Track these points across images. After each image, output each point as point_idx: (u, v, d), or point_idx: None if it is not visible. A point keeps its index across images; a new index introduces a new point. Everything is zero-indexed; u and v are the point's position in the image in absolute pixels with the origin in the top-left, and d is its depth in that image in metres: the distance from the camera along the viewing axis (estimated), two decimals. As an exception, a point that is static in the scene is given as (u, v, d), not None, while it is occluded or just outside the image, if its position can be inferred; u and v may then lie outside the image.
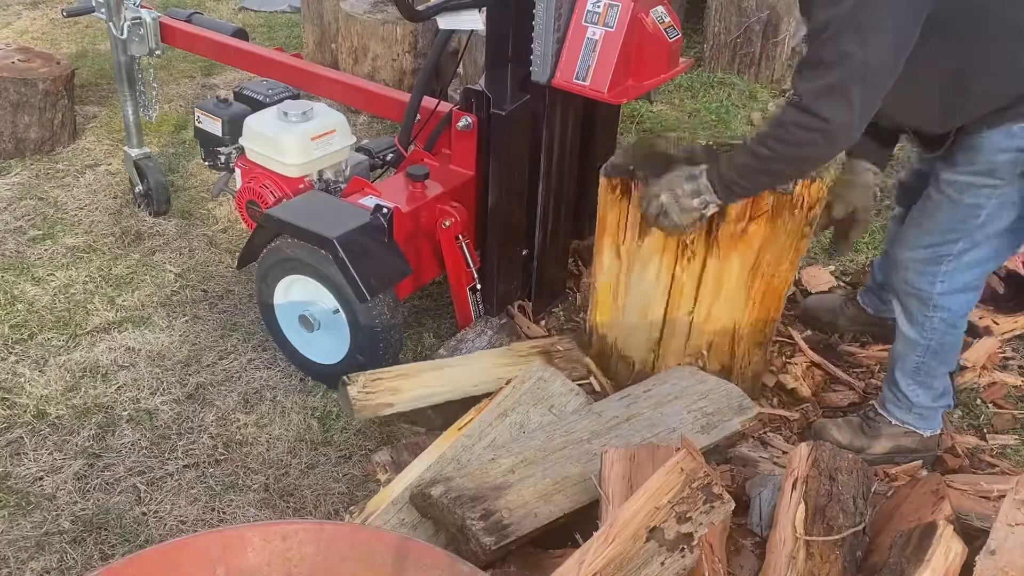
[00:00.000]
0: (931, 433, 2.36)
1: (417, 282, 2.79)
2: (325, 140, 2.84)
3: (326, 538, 1.46)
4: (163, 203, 3.53)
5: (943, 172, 2.07)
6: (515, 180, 2.60)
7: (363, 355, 2.55)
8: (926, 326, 2.19)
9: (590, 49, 2.26)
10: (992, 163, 1.97)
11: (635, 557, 1.55)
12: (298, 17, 5.51)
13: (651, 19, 2.29)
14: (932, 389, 2.30)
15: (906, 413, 2.34)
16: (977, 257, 2.09)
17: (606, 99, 2.29)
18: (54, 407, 2.59)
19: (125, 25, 3.22)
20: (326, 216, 2.51)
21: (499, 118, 2.50)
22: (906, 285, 2.19)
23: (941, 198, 2.08)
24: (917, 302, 2.18)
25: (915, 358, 2.25)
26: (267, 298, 2.69)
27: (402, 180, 2.71)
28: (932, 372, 2.26)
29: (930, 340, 2.20)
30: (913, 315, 2.21)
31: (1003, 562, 1.52)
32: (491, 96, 2.50)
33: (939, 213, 2.09)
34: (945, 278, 2.12)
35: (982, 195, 2.01)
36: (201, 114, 3.12)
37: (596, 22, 2.26)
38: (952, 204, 2.06)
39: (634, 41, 2.27)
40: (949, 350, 2.25)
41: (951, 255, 2.09)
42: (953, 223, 2.07)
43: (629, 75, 2.32)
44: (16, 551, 2.15)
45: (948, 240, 2.08)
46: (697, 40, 5.21)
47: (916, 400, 2.30)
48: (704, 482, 1.65)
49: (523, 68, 2.40)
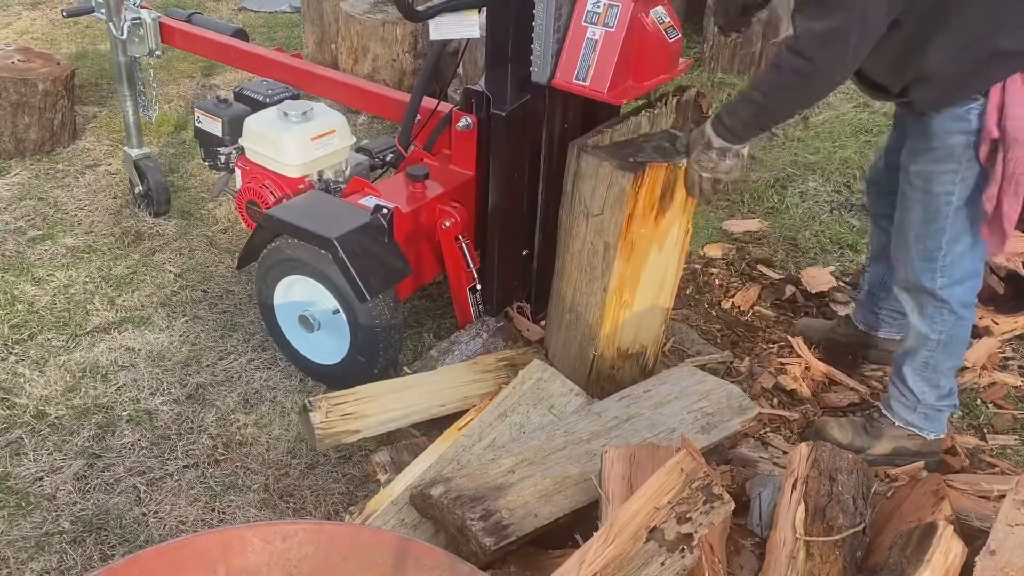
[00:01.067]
0: (935, 436, 2.36)
1: (417, 282, 2.79)
2: (325, 140, 2.84)
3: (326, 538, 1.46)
4: (163, 203, 3.53)
5: (910, 165, 2.12)
6: (515, 180, 2.60)
7: (363, 355, 2.55)
8: (936, 319, 2.21)
9: (590, 49, 2.26)
10: (947, 147, 2.02)
11: (635, 557, 1.55)
12: (298, 17, 5.51)
13: (651, 19, 2.29)
14: (938, 387, 2.30)
15: (911, 413, 2.34)
16: (966, 245, 2.12)
17: (606, 99, 2.29)
18: (54, 407, 2.59)
19: (125, 25, 3.22)
20: (326, 216, 2.51)
21: (499, 118, 2.50)
22: (912, 283, 2.21)
23: (914, 193, 2.13)
24: (927, 297, 2.20)
25: (925, 352, 2.26)
26: (267, 298, 2.69)
27: (402, 180, 2.71)
28: (939, 368, 2.27)
29: (940, 334, 2.22)
30: (924, 310, 2.22)
31: (1003, 562, 1.52)
32: (491, 96, 2.50)
33: (916, 207, 2.13)
34: (942, 272, 2.15)
35: (947, 181, 2.05)
36: (201, 114, 3.12)
37: (596, 22, 2.26)
38: (924, 195, 2.10)
39: (634, 41, 2.27)
40: (958, 344, 2.27)
41: (941, 248, 2.12)
42: (931, 214, 2.11)
43: (629, 75, 2.32)
44: (16, 551, 2.15)
45: (932, 233, 2.12)
46: (697, 40, 5.22)
47: (922, 398, 2.31)
48: (704, 482, 1.65)
49: (523, 68, 2.40)
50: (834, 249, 3.44)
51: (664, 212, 2.28)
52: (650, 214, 2.26)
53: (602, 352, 2.46)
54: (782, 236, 3.50)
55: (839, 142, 4.21)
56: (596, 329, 2.42)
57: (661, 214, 2.28)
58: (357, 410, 2.32)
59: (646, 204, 2.24)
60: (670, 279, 2.47)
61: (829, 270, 3.25)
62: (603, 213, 2.26)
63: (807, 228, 3.55)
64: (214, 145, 3.11)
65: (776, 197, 3.76)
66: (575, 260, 2.39)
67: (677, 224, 2.34)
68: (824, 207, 3.69)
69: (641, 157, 2.27)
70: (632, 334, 2.49)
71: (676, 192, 2.26)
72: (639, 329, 2.49)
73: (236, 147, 3.04)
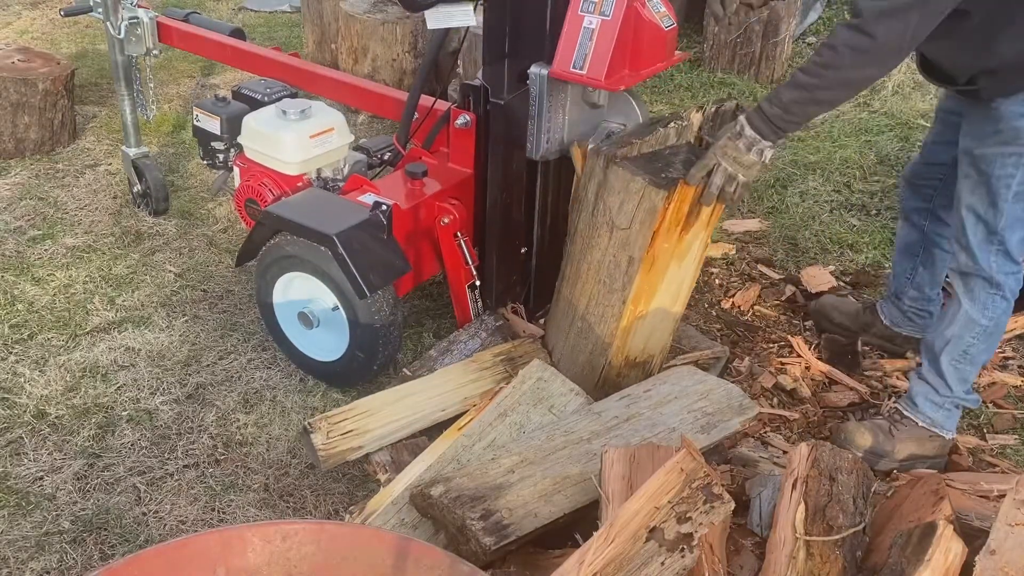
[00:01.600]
0: (950, 436, 2.39)
1: (416, 279, 2.79)
2: (323, 138, 2.84)
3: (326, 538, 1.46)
4: (161, 202, 3.53)
5: (974, 149, 2.14)
6: (514, 172, 2.60)
7: (362, 352, 2.55)
8: (989, 305, 2.23)
9: (587, 38, 2.27)
10: (1013, 128, 2.04)
11: (635, 557, 1.55)
12: (298, 17, 5.52)
13: (647, 8, 2.31)
14: (966, 382, 2.33)
15: (937, 410, 2.36)
16: (1021, 235, 2.15)
17: (603, 87, 2.30)
18: (54, 407, 2.59)
19: (122, 25, 3.22)
20: (325, 213, 2.51)
21: (497, 107, 2.50)
22: (968, 267, 2.23)
23: (978, 176, 2.14)
24: (982, 282, 2.21)
25: (969, 339, 2.27)
26: (266, 296, 2.69)
27: (401, 178, 2.72)
28: (976, 359, 2.30)
29: (990, 321, 2.24)
30: (976, 295, 2.23)
31: (1003, 562, 1.52)
32: (489, 87, 2.51)
33: (979, 190, 2.15)
34: (998, 257, 2.17)
35: (1010, 164, 2.07)
36: (199, 113, 3.12)
37: (592, 11, 2.27)
38: (986, 178, 2.12)
39: (630, 30, 2.28)
40: (998, 335, 2.30)
41: (997, 232, 2.15)
42: (992, 197, 2.12)
43: (626, 64, 2.33)
44: (16, 551, 2.15)
45: (990, 217, 2.14)
46: (697, 40, 5.22)
47: (954, 389, 2.32)
48: (704, 482, 1.65)
49: (520, 60, 2.41)
50: (834, 249, 3.43)
51: (689, 228, 2.26)
52: (675, 230, 2.23)
53: (611, 360, 2.45)
54: (782, 236, 3.50)
55: (839, 142, 4.22)
56: (610, 340, 2.41)
57: (686, 230, 2.25)
58: (358, 426, 2.31)
59: (672, 220, 2.20)
60: (685, 291, 2.46)
61: (829, 270, 3.25)
62: (630, 227, 2.23)
63: (807, 228, 3.55)
64: (213, 143, 3.12)
65: (776, 197, 3.76)
66: (593, 271, 2.36)
67: (699, 239, 2.33)
68: (824, 207, 3.69)
69: (672, 172, 2.20)
70: (642, 343, 2.48)
71: (702, 209, 2.23)
72: (649, 339, 2.49)
73: (235, 145, 3.04)
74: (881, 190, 3.80)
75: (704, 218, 2.27)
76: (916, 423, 2.37)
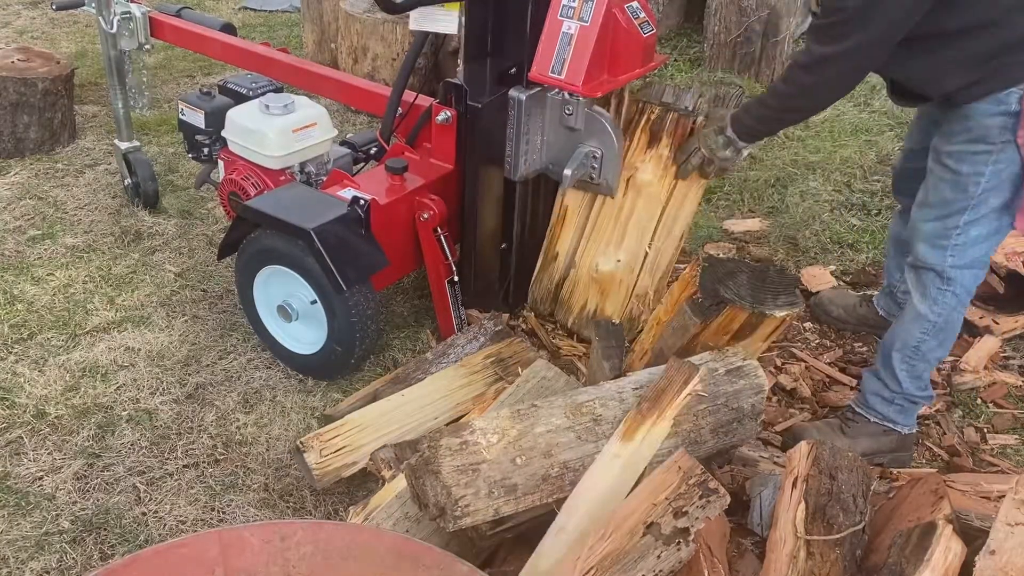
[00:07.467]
0: (908, 431, 2.38)
1: (395, 274, 2.80)
2: (306, 132, 2.85)
3: (325, 538, 1.46)
4: (151, 195, 3.55)
5: (943, 146, 2.15)
6: (493, 172, 2.61)
7: (340, 345, 2.56)
8: (938, 300, 2.23)
9: (565, 43, 2.29)
10: (983, 127, 2.05)
11: (632, 551, 1.55)
12: (298, 16, 5.51)
13: (626, 14, 2.32)
14: (919, 379, 2.33)
15: (887, 405, 2.36)
16: (983, 232, 2.15)
17: (580, 92, 2.31)
18: (54, 407, 2.58)
19: (114, 19, 3.23)
20: (304, 207, 2.52)
21: (475, 110, 2.52)
22: (921, 261, 2.23)
23: (942, 171, 2.15)
24: (933, 276, 2.22)
25: (919, 335, 2.27)
26: (246, 289, 2.71)
27: (381, 173, 2.73)
28: (928, 356, 2.29)
29: (939, 316, 2.24)
30: (927, 290, 2.24)
31: (1003, 562, 1.52)
32: (468, 89, 2.51)
33: (942, 185, 2.16)
34: (955, 252, 2.18)
35: (979, 162, 2.08)
36: (184, 106, 3.13)
37: (571, 16, 2.28)
38: (953, 175, 2.13)
39: (608, 36, 2.30)
40: (951, 333, 2.28)
41: (958, 227, 2.15)
42: (956, 193, 2.13)
43: (604, 69, 2.35)
44: (16, 551, 2.15)
45: (954, 212, 2.14)
46: (697, 40, 5.21)
47: (904, 386, 2.32)
48: (701, 479, 1.66)
49: (501, 61, 2.42)
50: (834, 248, 3.43)
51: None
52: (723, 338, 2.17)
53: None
54: (782, 235, 3.50)
55: (839, 141, 4.22)
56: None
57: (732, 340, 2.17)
58: (350, 442, 2.30)
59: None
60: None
61: (829, 269, 3.25)
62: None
63: (807, 227, 3.55)
64: (197, 136, 3.13)
65: (776, 196, 3.76)
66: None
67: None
68: (824, 206, 3.69)
69: (727, 291, 2.09)
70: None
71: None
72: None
73: (219, 139, 3.05)
74: (881, 189, 3.80)
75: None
76: (868, 420, 2.38)
